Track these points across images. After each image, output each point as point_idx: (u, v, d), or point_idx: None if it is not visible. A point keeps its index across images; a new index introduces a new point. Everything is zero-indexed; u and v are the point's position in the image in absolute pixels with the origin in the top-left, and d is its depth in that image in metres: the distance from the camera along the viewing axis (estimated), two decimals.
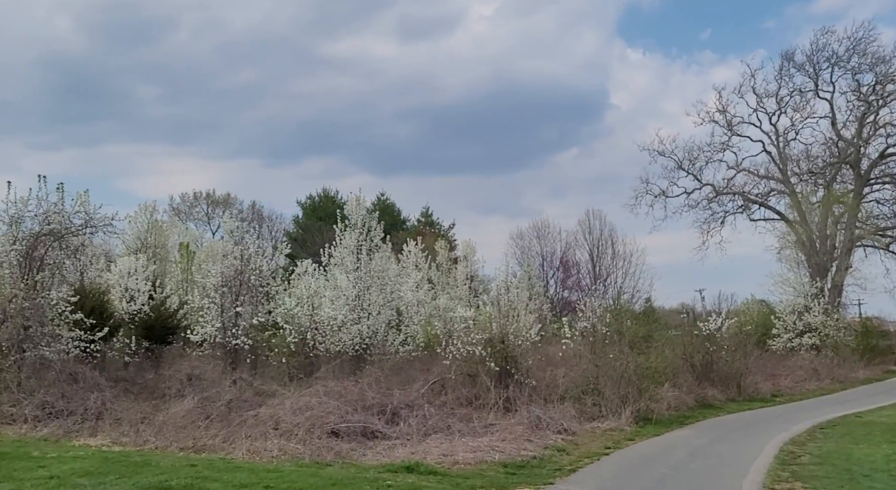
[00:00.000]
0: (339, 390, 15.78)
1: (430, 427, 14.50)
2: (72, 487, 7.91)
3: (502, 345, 19.09)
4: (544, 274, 55.78)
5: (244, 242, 23.14)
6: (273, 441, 11.89)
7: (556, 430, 15.48)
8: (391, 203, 68.92)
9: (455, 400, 17.62)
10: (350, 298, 23.19)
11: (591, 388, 18.52)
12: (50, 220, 18.46)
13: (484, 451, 12.69)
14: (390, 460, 11.49)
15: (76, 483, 8.09)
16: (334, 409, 13.87)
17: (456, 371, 19.20)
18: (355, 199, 24.39)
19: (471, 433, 14.48)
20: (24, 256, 18.09)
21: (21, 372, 15.54)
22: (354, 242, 23.94)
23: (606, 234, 54.01)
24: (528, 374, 18.75)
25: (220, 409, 13.91)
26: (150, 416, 14.30)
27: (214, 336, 21.80)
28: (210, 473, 9.24)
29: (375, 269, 23.82)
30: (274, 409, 13.50)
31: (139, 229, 36.00)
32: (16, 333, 16.31)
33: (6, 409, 14.60)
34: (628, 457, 13.46)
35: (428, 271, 37.08)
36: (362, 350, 22.90)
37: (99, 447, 11.99)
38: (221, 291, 22.35)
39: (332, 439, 12.67)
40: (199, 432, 12.63)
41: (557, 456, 13.08)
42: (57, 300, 18.14)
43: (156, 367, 21.77)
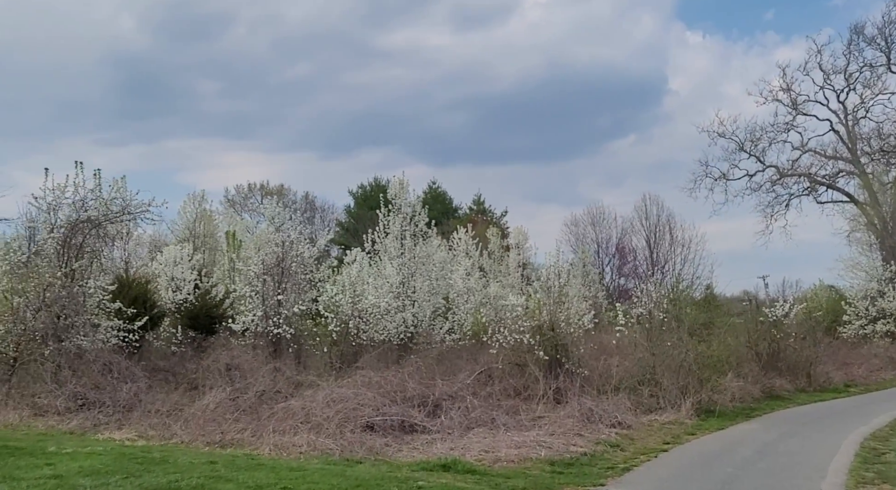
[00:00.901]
0: (378, 381, 14.99)
1: (472, 420, 13.60)
2: (71, 488, 7.25)
3: (552, 333, 18.05)
4: (599, 261, 54.25)
5: (285, 229, 22.58)
6: (302, 435, 11.13)
7: (610, 424, 14.39)
8: (442, 191, 68.32)
9: (501, 391, 16.67)
10: (394, 285, 22.45)
11: (648, 378, 17.33)
12: (87, 207, 18.08)
13: (529, 446, 11.71)
14: (427, 457, 10.61)
15: (77, 484, 7.45)
16: (370, 401, 13.07)
17: (503, 360, 18.25)
18: (399, 182, 23.58)
19: (517, 427, 13.51)
20: (61, 244, 17.75)
21: (55, 362, 15.15)
22: (398, 228, 23.17)
23: (664, 220, 52.06)
24: (580, 364, 17.67)
25: (252, 400, 13.26)
26: (182, 408, 13.73)
27: (256, 325, 21.31)
28: (227, 473, 8.50)
29: (420, 256, 23.01)
30: (306, 401, 12.76)
31: (188, 219, 36.10)
32: (51, 323, 15.96)
33: (39, 400, 14.22)
34: (689, 453, 12.32)
35: (479, 259, 36.32)
36: (407, 339, 22.16)
37: (122, 441, 11.43)
38: (263, 279, 21.84)
39: (367, 433, 11.86)
40: (227, 426, 11.98)
41: (610, 452, 12.02)
42: (94, 289, 17.79)
43: (199, 358, 21.36)
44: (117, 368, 15.58)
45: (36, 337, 15.67)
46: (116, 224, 18.86)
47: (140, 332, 20.52)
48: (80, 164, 18.27)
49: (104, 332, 17.88)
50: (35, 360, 15.32)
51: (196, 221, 35.82)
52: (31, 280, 16.30)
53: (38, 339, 15.94)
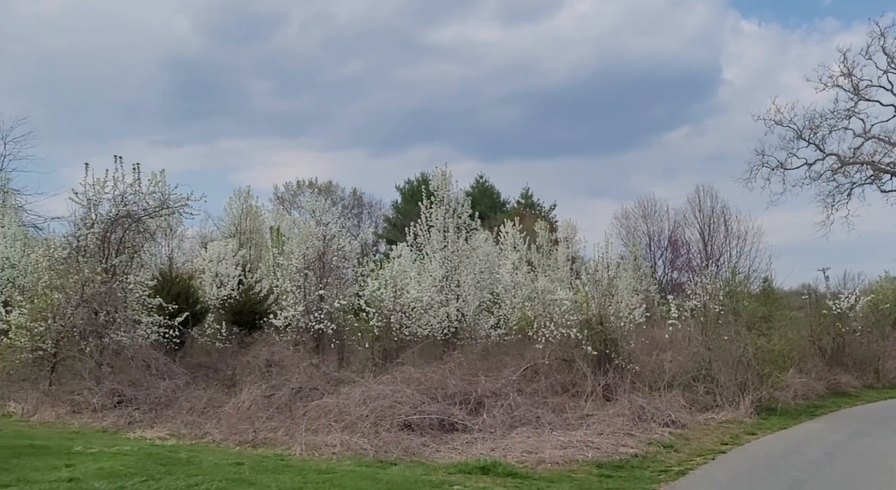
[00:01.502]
0: (419, 377, 14.42)
1: (516, 418, 12.93)
2: None
3: (601, 327, 17.24)
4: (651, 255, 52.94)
5: (326, 223, 22.21)
6: (335, 435, 10.61)
7: (663, 423, 13.55)
8: (490, 185, 67.61)
9: (548, 388, 15.94)
10: (437, 279, 21.88)
11: (704, 374, 16.40)
12: (126, 202, 17.93)
13: (576, 447, 11.00)
14: (465, 458, 9.99)
15: (92, 487, 7.04)
16: (409, 399, 12.50)
17: (550, 356, 17.52)
18: (441, 174, 22.98)
19: (563, 426, 12.80)
20: (101, 240, 17.63)
21: (94, 359, 14.97)
22: (441, 220, 22.58)
23: (718, 212, 50.46)
24: (631, 359, 16.82)
25: (287, 398, 12.82)
26: (219, 405, 13.39)
27: (297, 320, 20.99)
28: (251, 475, 8.02)
29: (464, 249, 22.39)
30: (342, 399, 12.26)
31: (234, 215, 36.13)
32: (90, 319, 15.81)
33: (76, 397, 14.04)
34: (749, 455, 11.45)
35: (527, 253, 35.62)
36: (450, 334, 21.58)
37: (153, 440, 11.07)
38: (304, 274, 21.50)
39: (404, 433, 11.29)
40: (260, 424, 11.55)
41: (663, 453, 11.23)
42: (134, 285, 17.62)
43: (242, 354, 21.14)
44: (155, 365, 15.34)
45: (75, 333, 15.51)
46: (156, 219, 18.63)
47: (183, 328, 20.40)
48: (119, 158, 18.12)
49: (144, 329, 17.70)
50: (74, 356, 15.17)
51: (242, 217, 35.85)
52: (70, 276, 16.16)
53: (77, 336, 15.80)
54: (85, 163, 17.91)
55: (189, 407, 13.11)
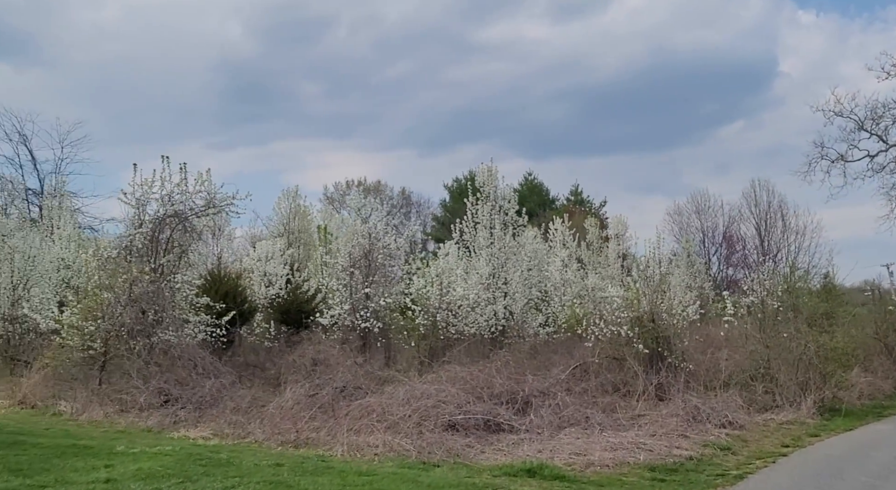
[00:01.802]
0: (464, 376, 14.11)
1: (564, 419, 12.52)
2: None
3: (652, 324, 16.70)
4: (705, 251, 51.73)
5: (371, 220, 22.09)
6: (378, 435, 10.37)
7: (719, 423, 12.99)
8: (539, 183, 67.11)
9: (597, 387, 15.48)
10: (484, 277, 21.55)
11: (762, 372, 15.72)
12: (173, 201, 18.04)
13: (627, 449, 10.55)
14: (511, 460, 9.65)
15: (128, 489, 6.90)
16: (454, 398, 12.19)
17: (600, 354, 17.04)
18: (486, 169, 22.62)
19: (613, 426, 12.35)
20: (149, 240, 17.77)
21: (140, 357, 15.05)
22: (487, 217, 22.23)
23: (775, 206, 48.98)
24: (684, 357, 16.25)
25: (331, 397, 12.64)
26: (264, 404, 13.29)
27: (343, 319, 20.90)
28: (289, 478, 7.82)
29: (511, 245, 22.00)
30: (385, 398, 12.02)
31: (283, 215, 36.37)
32: (138, 318, 15.92)
33: (124, 396, 14.11)
34: (813, 458, 10.84)
35: (577, 250, 35.12)
36: (498, 332, 21.23)
37: (196, 439, 11.01)
38: (350, 272, 21.40)
39: (448, 433, 10.99)
40: (303, 424, 11.39)
41: (720, 456, 10.70)
42: (181, 284, 17.71)
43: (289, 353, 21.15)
44: (202, 364, 15.35)
45: (123, 332, 15.63)
46: (202, 218, 18.72)
47: (231, 327, 20.50)
48: (166, 158, 18.24)
49: (192, 328, 17.78)
50: (123, 355, 15.28)
51: (290, 217, 36.06)
52: (119, 276, 16.31)
53: (125, 335, 15.92)
54: (133, 163, 18.08)
55: (233, 406, 13.05)
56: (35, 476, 7.44)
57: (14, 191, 32.06)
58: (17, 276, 21.70)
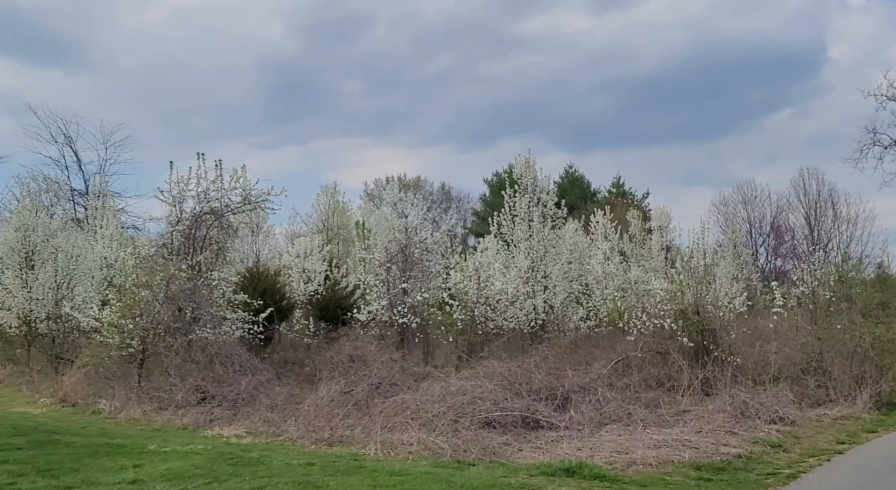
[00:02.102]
0: (503, 372, 13.80)
1: (605, 415, 12.11)
2: None
3: (697, 316, 16.16)
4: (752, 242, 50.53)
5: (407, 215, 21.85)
6: (412, 433, 10.10)
7: (769, 419, 12.44)
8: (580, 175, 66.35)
9: (640, 382, 15.03)
10: (522, 270, 21.15)
11: (814, 366, 15.09)
12: (209, 198, 18.05)
13: (671, 446, 10.12)
14: (549, 459, 9.30)
15: None
16: (490, 395, 11.88)
17: (643, 348, 16.57)
18: (524, 161, 22.19)
19: (657, 423, 11.91)
20: (185, 237, 17.79)
21: (178, 355, 15.04)
22: (525, 209, 21.82)
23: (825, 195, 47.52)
24: (731, 351, 15.69)
25: (365, 394, 12.43)
26: (298, 402, 13.14)
27: (381, 315, 20.71)
28: (319, 478, 7.59)
29: (550, 238, 21.54)
30: (420, 395, 11.75)
31: (321, 211, 36.42)
32: (174, 315, 15.93)
33: (161, 394, 14.10)
34: (871, 456, 10.28)
35: (619, 243, 34.60)
36: (538, 327, 20.83)
37: (230, 438, 10.88)
38: (387, 267, 21.20)
39: (485, 431, 10.68)
40: (338, 421, 11.19)
41: (771, 454, 10.20)
42: (218, 281, 17.70)
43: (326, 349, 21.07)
44: (238, 361, 15.30)
45: (161, 330, 15.65)
46: (238, 215, 18.68)
47: (268, 324, 20.51)
48: (202, 156, 18.25)
49: (230, 325, 17.77)
50: (160, 353, 15.29)
51: (329, 213, 36.09)
52: (156, 273, 16.34)
53: (163, 333, 15.94)
54: (170, 161, 18.12)
55: (269, 403, 12.93)
56: (62, 476, 7.35)
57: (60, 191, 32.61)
58: (60, 275, 21.98)
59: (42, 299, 21.63)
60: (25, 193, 26.08)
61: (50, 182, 29.76)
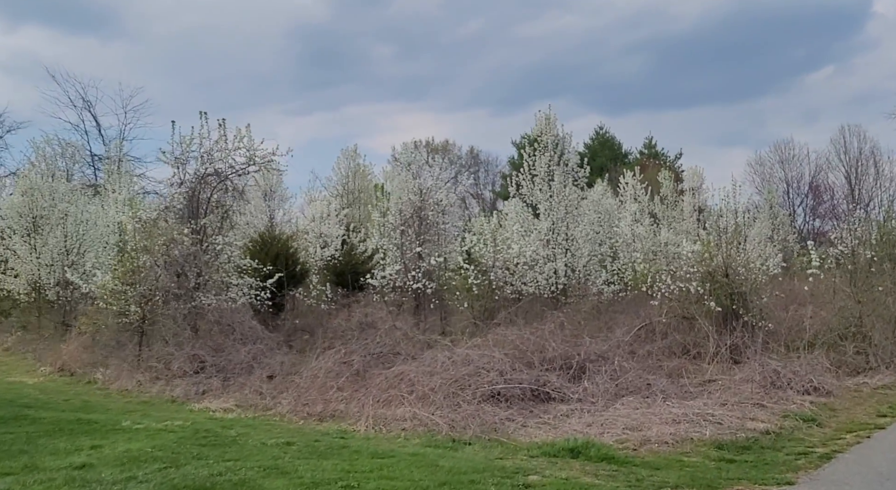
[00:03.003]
0: (514, 340, 12.96)
1: (622, 386, 11.22)
2: (83, 483, 5.84)
3: (726, 279, 15.10)
4: (790, 203, 48.84)
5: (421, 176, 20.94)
6: (408, 407, 9.33)
7: (802, 390, 11.45)
8: (610, 136, 64.68)
9: (663, 349, 14.07)
10: (542, 232, 20.17)
11: (853, 331, 13.97)
12: (212, 159, 17.31)
13: (692, 421, 9.21)
14: (555, 436, 8.46)
15: (95, 478, 6.00)
16: (498, 365, 11.04)
17: (668, 314, 15.59)
18: (544, 117, 21.06)
19: (678, 394, 10.98)
20: (189, 200, 17.11)
21: (176, 323, 14.43)
22: (545, 167, 20.75)
23: (867, 153, 45.59)
24: (763, 315, 14.64)
25: (365, 364, 11.67)
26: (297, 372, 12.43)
27: (395, 280, 19.95)
28: (290, 461, 6.80)
29: (571, 198, 20.48)
30: (422, 366, 10.95)
31: (342, 175, 35.63)
32: (175, 281, 15.29)
33: (158, 364, 13.51)
34: None
35: (649, 204, 33.51)
36: (559, 291, 19.90)
37: (217, 412, 10.22)
38: (401, 230, 20.40)
39: (489, 404, 9.86)
40: (332, 394, 10.46)
41: (803, 429, 9.24)
42: (223, 245, 17.00)
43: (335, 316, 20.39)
44: (241, 329, 14.64)
45: (158, 297, 15.04)
46: (245, 177, 17.94)
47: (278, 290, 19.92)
48: (204, 114, 17.49)
49: (236, 291, 17.12)
50: (159, 320, 14.70)
51: (350, 177, 35.31)
52: (158, 237, 15.70)
53: (161, 300, 15.33)
54: (172, 121, 17.40)
55: (268, 374, 12.27)
56: (5, 460, 6.68)
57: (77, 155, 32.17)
58: (70, 240, 21.53)
59: (51, 265, 21.23)
60: (40, 157, 25.66)
61: (66, 146, 29.21)
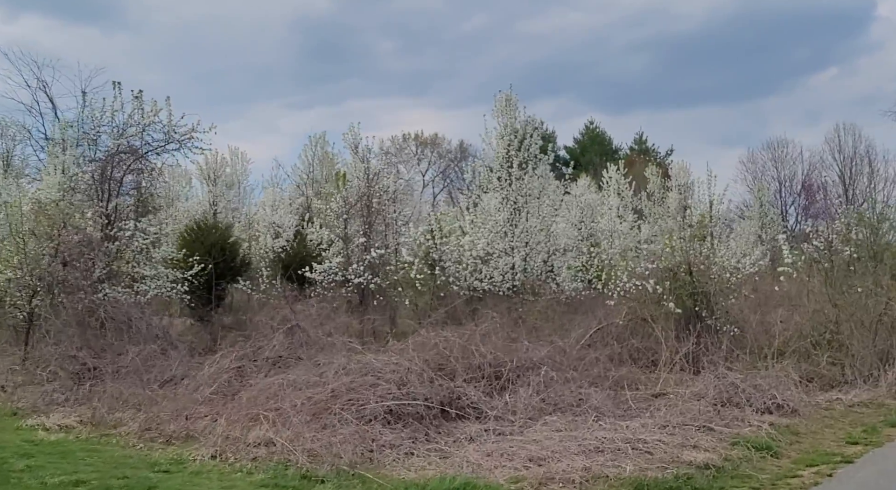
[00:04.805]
0: (437, 343, 11.22)
1: (551, 401, 9.53)
2: None
3: (690, 277, 13.41)
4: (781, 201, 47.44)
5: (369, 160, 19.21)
6: (267, 429, 7.61)
7: (762, 408, 9.75)
8: (601, 131, 63.54)
9: (613, 356, 12.37)
10: (498, 224, 18.44)
11: (828, 339, 12.26)
12: (126, 135, 15.61)
13: (617, 450, 7.49)
14: (437, 471, 6.76)
15: None
16: (405, 374, 9.28)
17: (627, 315, 13.91)
18: (504, 98, 19.26)
19: (615, 412, 9.28)
20: (99, 180, 15.40)
21: (59, 319, 12.64)
22: (504, 152, 19.01)
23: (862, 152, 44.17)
24: (728, 319, 12.96)
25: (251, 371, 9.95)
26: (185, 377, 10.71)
27: (336, 273, 18.24)
28: None
29: (530, 187, 18.71)
30: (302, 375, 9.21)
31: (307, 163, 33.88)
32: (63, 271, 13.49)
33: (19, 367, 11.74)
34: (891, 466, 7.58)
35: (634, 200, 32.43)
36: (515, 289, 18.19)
37: (51, 429, 8.48)
38: (344, 219, 18.70)
39: (380, 424, 8.10)
40: (195, 408, 8.74)
41: (753, 462, 7.54)
42: (134, 231, 15.25)
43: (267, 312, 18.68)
44: (138, 326, 12.89)
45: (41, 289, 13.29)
46: (163, 155, 16.25)
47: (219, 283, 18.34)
48: (118, 85, 15.83)
49: (151, 283, 15.38)
50: (47, 317, 12.94)
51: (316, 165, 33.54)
52: (55, 220, 13.95)
53: (61, 292, 13.58)
54: (82, 91, 15.78)
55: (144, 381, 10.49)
56: None
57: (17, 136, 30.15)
58: None
59: None
60: None
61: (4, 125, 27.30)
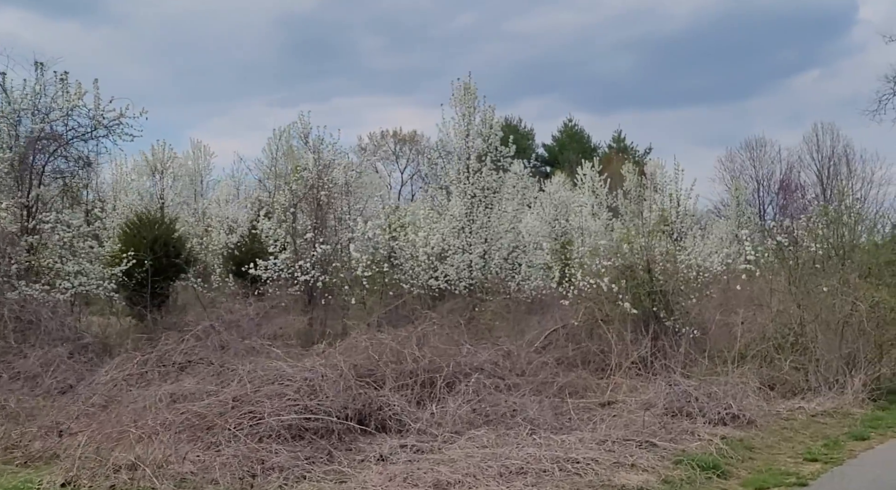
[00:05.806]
0: (369, 345, 10.27)
1: (482, 412, 8.61)
2: None
3: (647, 275, 12.53)
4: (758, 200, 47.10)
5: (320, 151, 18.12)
6: (133, 448, 6.58)
7: (716, 419, 8.88)
8: (579, 129, 63.19)
9: (563, 360, 11.49)
10: (456, 219, 17.54)
11: (791, 341, 11.40)
12: (49, 120, 14.52)
13: (543, 472, 6.57)
14: None
15: None
16: (319, 382, 8.31)
17: (583, 316, 13.02)
18: (463, 86, 18.30)
19: (552, 424, 8.37)
20: (13, 167, 14.28)
21: None
22: (462, 145, 18.11)
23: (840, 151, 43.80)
24: (688, 321, 12.09)
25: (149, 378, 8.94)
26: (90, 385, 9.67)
27: (282, 270, 17.18)
28: None
29: (489, 181, 17.79)
30: (202, 383, 8.23)
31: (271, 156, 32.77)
32: None
33: None
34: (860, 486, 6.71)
35: (610, 198, 32.07)
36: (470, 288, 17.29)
37: None
38: (291, 213, 17.67)
39: (277, 441, 7.12)
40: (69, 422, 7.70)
41: (696, 483, 6.64)
42: (55, 224, 14.13)
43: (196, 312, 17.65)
44: (45, 328, 11.80)
45: None
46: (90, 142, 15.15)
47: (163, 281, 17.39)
48: (41, 65, 14.71)
49: (73, 280, 14.28)
50: None
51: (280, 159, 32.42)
52: None
53: None
54: (1, 73, 14.61)
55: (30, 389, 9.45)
56: None
57: None
58: None
59: None
60: None
61: None
